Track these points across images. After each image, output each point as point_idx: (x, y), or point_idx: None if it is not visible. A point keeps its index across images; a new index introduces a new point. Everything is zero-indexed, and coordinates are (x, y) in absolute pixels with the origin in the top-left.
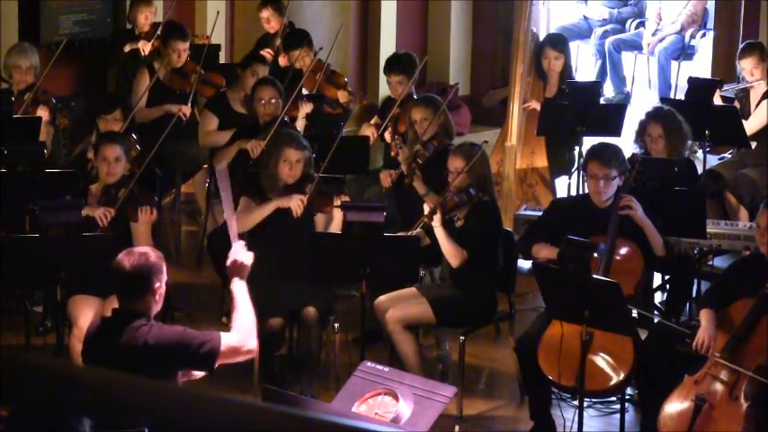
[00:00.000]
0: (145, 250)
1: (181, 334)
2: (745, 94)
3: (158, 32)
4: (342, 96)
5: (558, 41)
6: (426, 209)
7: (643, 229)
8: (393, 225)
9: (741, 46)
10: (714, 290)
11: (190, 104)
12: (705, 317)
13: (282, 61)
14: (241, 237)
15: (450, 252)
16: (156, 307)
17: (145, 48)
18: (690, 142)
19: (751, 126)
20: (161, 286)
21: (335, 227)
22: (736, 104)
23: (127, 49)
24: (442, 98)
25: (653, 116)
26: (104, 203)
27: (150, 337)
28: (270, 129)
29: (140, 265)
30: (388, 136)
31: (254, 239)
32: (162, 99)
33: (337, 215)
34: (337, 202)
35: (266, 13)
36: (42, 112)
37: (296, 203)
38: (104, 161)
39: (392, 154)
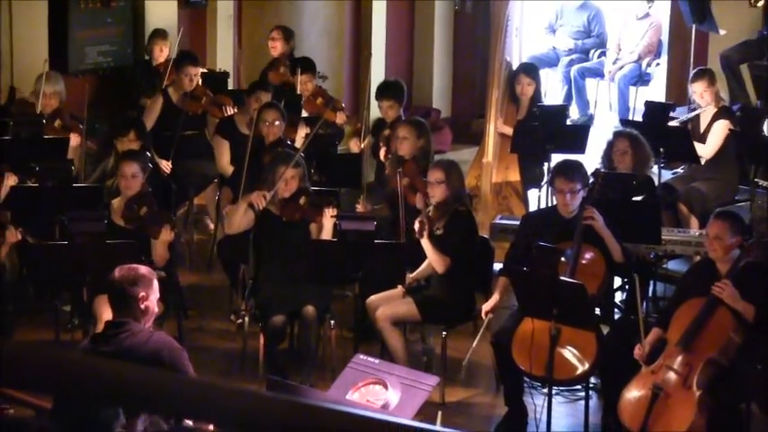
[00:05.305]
0: (136, 266)
1: (181, 351)
2: (695, 116)
3: (171, 64)
4: (339, 118)
5: (531, 69)
6: (417, 226)
7: (603, 237)
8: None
9: (693, 71)
10: (666, 311)
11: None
12: (652, 334)
13: (274, 78)
14: (247, 251)
15: (437, 261)
16: (146, 317)
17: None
18: (652, 163)
19: (708, 151)
20: (147, 297)
21: (326, 234)
22: (689, 126)
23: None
24: (425, 120)
25: (620, 133)
26: (126, 217)
27: (152, 341)
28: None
29: (126, 277)
30: (382, 155)
31: (260, 250)
32: (174, 123)
33: (327, 224)
34: (331, 213)
35: (276, 35)
36: (74, 138)
37: (255, 197)
38: (123, 177)
39: (386, 172)
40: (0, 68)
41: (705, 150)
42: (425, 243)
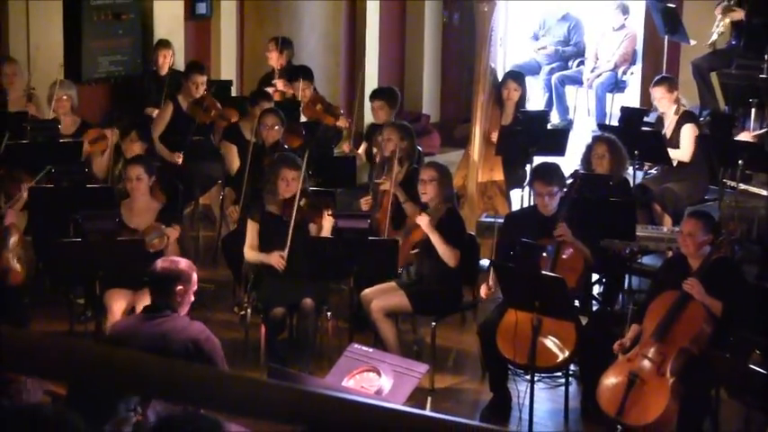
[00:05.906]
0: (179, 259)
1: (215, 344)
2: (659, 120)
3: (171, 75)
4: (341, 122)
5: (518, 76)
6: (424, 221)
7: (572, 245)
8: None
9: (655, 78)
10: (642, 306)
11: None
12: (631, 330)
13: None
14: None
15: (448, 254)
16: (183, 307)
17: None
18: (628, 165)
19: (684, 154)
20: (184, 290)
21: (324, 233)
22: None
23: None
24: (414, 125)
25: (599, 138)
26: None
27: (190, 329)
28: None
29: (167, 269)
30: (377, 158)
31: (263, 248)
32: (183, 127)
33: (325, 224)
34: (328, 213)
35: (271, 46)
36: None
37: (276, 260)
38: (128, 180)
39: (375, 175)
40: (18, 76)
41: (681, 154)
42: (435, 237)
